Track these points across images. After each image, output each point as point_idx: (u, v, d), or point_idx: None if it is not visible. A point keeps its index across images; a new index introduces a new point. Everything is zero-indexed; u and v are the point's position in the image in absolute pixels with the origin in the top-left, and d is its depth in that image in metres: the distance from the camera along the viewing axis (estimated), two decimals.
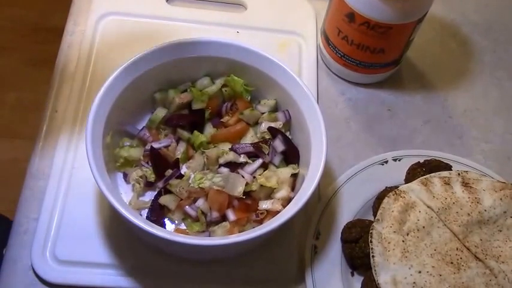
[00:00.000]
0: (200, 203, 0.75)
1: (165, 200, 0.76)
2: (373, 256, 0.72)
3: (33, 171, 0.80)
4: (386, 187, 0.80)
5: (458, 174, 0.79)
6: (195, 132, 0.81)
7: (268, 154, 0.79)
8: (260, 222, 0.74)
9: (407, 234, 0.73)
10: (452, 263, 0.72)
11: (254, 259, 0.76)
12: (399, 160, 0.85)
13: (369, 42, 0.86)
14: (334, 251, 0.77)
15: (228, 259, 0.76)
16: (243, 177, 0.76)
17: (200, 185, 0.75)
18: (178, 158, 0.79)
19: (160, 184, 0.77)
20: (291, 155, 0.79)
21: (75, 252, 0.74)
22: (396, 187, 0.78)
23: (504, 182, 0.80)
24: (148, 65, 0.76)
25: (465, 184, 0.77)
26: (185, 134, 0.81)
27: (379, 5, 0.80)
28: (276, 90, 0.80)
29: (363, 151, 0.88)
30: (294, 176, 0.78)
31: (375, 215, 0.77)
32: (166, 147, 0.79)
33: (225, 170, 0.77)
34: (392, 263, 0.71)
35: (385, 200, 0.76)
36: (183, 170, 0.79)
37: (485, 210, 0.75)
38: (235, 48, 0.79)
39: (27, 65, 1.88)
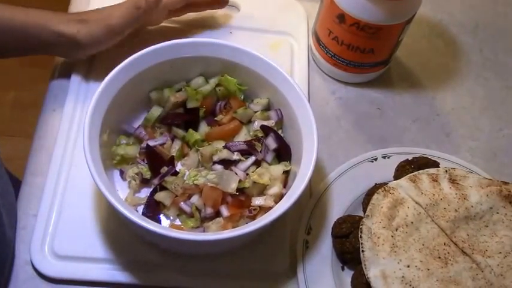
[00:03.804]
0: (195, 199, 0.76)
1: (160, 196, 0.76)
2: (363, 251, 0.72)
3: (32, 169, 0.81)
4: (375, 184, 0.80)
5: (446, 171, 0.79)
6: (190, 130, 0.81)
7: (261, 152, 0.79)
8: (253, 218, 0.74)
9: (396, 230, 0.73)
10: (440, 257, 0.72)
11: (247, 254, 0.77)
12: (388, 157, 0.85)
13: (358, 43, 0.86)
14: (325, 246, 0.78)
15: (221, 254, 0.76)
16: (237, 174, 0.76)
17: (195, 182, 0.76)
18: (173, 156, 0.80)
19: (155, 181, 0.77)
20: (283, 153, 0.80)
21: (73, 247, 0.75)
22: (385, 184, 0.78)
23: (490, 179, 0.80)
24: (144, 65, 0.76)
25: (452, 181, 0.77)
26: (180, 132, 0.81)
27: (369, 7, 0.80)
28: (268, 89, 0.80)
29: (353, 149, 0.88)
30: (286, 173, 0.78)
31: (364, 210, 0.77)
32: (162, 145, 0.80)
33: (219, 167, 0.77)
34: (381, 258, 0.71)
35: (375, 196, 0.76)
36: (178, 167, 0.80)
37: (472, 206, 0.75)
38: (228, 48, 0.79)
39: (26, 65, 1.88)
